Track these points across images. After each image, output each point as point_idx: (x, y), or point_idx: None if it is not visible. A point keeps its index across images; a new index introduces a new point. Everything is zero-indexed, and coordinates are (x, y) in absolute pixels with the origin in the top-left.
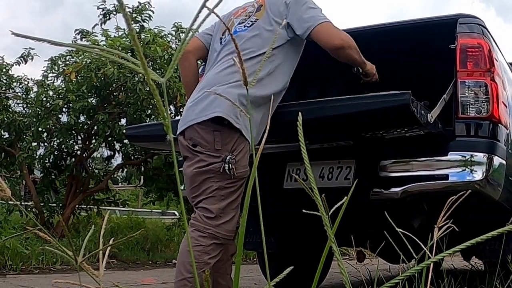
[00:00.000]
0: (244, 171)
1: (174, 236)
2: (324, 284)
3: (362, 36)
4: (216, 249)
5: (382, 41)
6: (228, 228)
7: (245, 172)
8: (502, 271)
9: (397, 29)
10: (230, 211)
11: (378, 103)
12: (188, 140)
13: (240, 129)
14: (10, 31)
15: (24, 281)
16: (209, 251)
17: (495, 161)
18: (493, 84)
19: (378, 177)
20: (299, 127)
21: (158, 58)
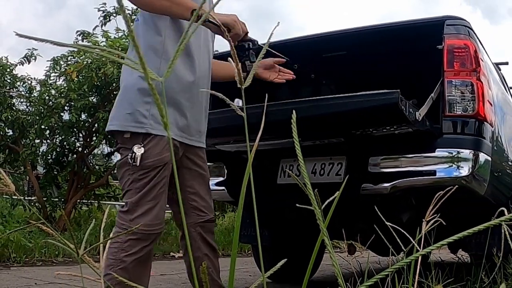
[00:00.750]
0: (156, 160)
1: (172, 229)
2: (316, 276)
3: (354, 37)
4: (134, 246)
5: (372, 42)
6: (144, 222)
7: (157, 161)
8: (488, 264)
9: (387, 31)
10: (145, 203)
11: (368, 102)
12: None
13: (147, 131)
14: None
15: (28, 273)
16: (126, 247)
17: (481, 158)
18: (479, 84)
19: (368, 173)
20: (293, 125)
21: None
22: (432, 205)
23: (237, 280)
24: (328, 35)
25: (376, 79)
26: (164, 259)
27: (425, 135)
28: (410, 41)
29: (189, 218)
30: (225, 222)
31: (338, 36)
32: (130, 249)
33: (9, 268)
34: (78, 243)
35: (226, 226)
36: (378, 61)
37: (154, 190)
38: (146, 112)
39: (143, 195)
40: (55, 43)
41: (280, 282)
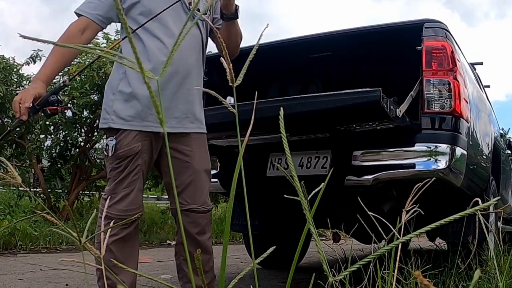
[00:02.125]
0: (126, 150)
1: (168, 219)
2: (303, 263)
3: (339, 38)
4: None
5: (356, 43)
6: (119, 207)
7: (127, 151)
8: (464, 251)
9: (369, 33)
10: (121, 190)
11: (352, 99)
12: None
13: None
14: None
15: (33, 260)
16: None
17: (457, 152)
18: (456, 82)
19: (352, 166)
20: (281, 121)
21: None
22: (412, 196)
23: (229, 266)
24: (314, 37)
25: (359, 78)
26: (161, 246)
27: (405, 131)
28: (391, 42)
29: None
30: (217, 212)
31: (324, 38)
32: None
33: (16, 255)
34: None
35: (219, 215)
36: (361, 61)
37: (128, 178)
38: (109, 108)
39: (118, 182)
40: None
41: (270, 268)
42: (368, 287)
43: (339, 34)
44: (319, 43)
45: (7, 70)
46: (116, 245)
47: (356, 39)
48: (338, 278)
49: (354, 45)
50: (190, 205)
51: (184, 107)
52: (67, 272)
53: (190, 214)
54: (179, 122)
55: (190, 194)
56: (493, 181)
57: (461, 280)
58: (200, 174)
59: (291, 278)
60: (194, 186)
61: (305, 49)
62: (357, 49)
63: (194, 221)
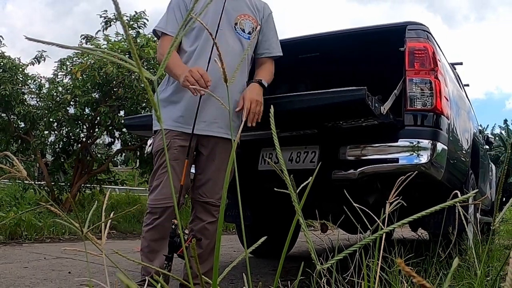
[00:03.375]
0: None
1: None
2: (293, 252)
3: (326, 40)
4: (148, 218)
5: (342, 44)
6: (152, 197)
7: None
8: (444, 240)
9: (355, 34)
10: (153, 182)
11: (339, 97)
12: None
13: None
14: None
15: (37, 249)
16: (144, 220)
17: (438, 147)
18: (437, 81)
19: (339, 160)
20: (271, 118)
21: (151, 59)
22: (395, 188)
23: (222, 255)
24: (303, 38)
25: (346, 77)
26: None
27: (389, 127)
28: (375, 43)
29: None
30: None
31: (312, 39)
32: (146, 221)
33: (21, 245)
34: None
35: None
36: (347, 61)
37: (157, 171)
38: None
39: (152, 176)
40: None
41: (261, 257)
42: (354, 275)
43: (326, 36)
44: (308, 44)
45: (13, 69)
46: (149, 233)
47: (342, 40)
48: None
49: (340, 46)
50: (207, 199)
51: (214, 113)
52: (69, 261)
53: (206, 206)
54: (207, 125)
55: (208, 189)
56: (472, 174)
57: (441, 268)
58: (220, 173)
59: (281, 266)
60: (214, 183)
61: (295, 50)
62: (343, 50)
63: (209, 212)
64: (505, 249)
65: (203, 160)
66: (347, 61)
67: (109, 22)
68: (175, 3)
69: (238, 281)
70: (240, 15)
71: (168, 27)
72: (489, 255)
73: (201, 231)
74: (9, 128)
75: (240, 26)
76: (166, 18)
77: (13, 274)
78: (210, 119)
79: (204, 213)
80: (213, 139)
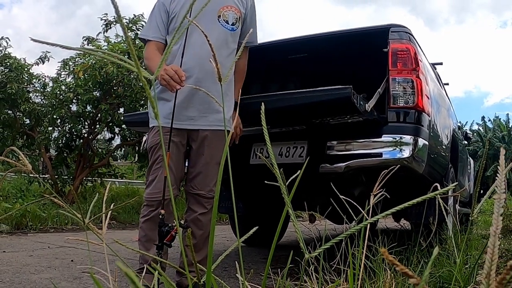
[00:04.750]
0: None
1: None
2: (283, 241)
3: (314, 41)
4: (145, 210)
5: (329, 45)
6: (148, 191)
7: (150, 143)
8: (425, 230)
9: (341, 36)
10: (149, 177)
11: (326, 96)
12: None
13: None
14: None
15: (42, 238)
16: (142, 212)
17: (420, 142)
18: (418, 80)
19: (326, 155)
20: (262, 115)
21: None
22: (379, 181)
23: (216, 244)
24: (292, 40)
25: (332, 77)
26: None
27: (373, 123)
28: (360, 45)
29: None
30: None
31: (301, 41)
32: (143, 213)
33: (27, 234)
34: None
35: None
36: (334, 61)
37: (153, 166)
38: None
39: (148, 171)
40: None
41: (253, 246)
42: (340, 262)
43: (314, 37)
44: (297, 45)
45: (18, 69)
46: (146, 224)
47: (329, 42)
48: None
49: (327, 47)
50: (198, 191)
51: (202, 108)
52: (72, 249)
53: (198, 197)
54: (195, 121)
55: (199, 182)
56: (451, 168)
57: (423, 257)
58: (209, 166)
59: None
60: (204, 176)
61: (285, 51)
62: (330, 51)
63: (201, 203)
64: (483, 238)
65: (193, 154)
66: (334, 61)
67: (109, 25)
68: (155, 9)
69: (231, 268)
70: (223, 6)
71: (150, 33)
72: (467, 244)
73: (194, 221)
74: (15, 125)
75: (224, 18)
76: (149, 26)
77: (19, 262)
78: (198, 114)
79: (197, 204)
80: (202, 133)
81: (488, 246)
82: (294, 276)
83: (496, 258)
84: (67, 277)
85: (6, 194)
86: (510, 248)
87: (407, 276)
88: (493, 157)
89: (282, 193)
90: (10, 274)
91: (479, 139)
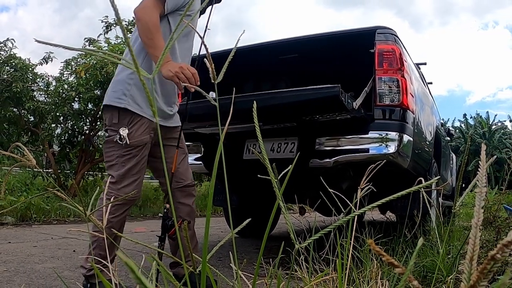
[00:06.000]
0: (138, 140)
1: (160, 195)
2: (274, 232)
3: (304, 42)
4: (119, 210)
5: (318, 46)
6: (128, 191)
7: (139, 141)
8: (410, 222)
9: (330, 38)
10: (131, 176)
11: (315, 94)
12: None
13: (125, 106)
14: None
15: (45, 230)
16: (113, 211)
17: (405, 138)
18: (403, 80)
19: (315, 150)
20: (254, 112)
21: None
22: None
23: (211, 235)
24: (283, 41)
25: (322, 76)
26: (154, 218)
27: (360, 121)
28: (348, 46)
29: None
30: (201, 189)
31: (292, 42)
32: (116, 212)
33: (31, 226)
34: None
35: (203, 192)
36: (323, 61)
37: (137, 166)
38: (127, 91)
39: (129, 169)
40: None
41: (246, 237)
42: (329, 253)
43: (304, 38)
44: (288, 46)
45: (23, 69)
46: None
47: (319, 43)
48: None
49: (317, 48)
50: (185, 182)
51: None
52: (74, 240)
53: (185, 189)
54: (173, 118)
55: (184, 173)
56: (435, 163)
57: (407, 247)
58: (186, 157)
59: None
60: (186, 166)
61: (276, 51)
62: (319, 51)
63: (189, 193)
64: (465, 230)
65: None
66: (323, 61)
67: (110, 27)
68: None
69: (225, 258)
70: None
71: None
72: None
73: (190, 214)
74: (20, 122)
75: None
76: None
77: (24, 252)
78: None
79: (186, 197)
80: (175, 129)
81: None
82: (285, 266)
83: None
84: (70, 267)
85: (11, 188)
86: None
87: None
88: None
89: (274, 187)
90: (15, 263)
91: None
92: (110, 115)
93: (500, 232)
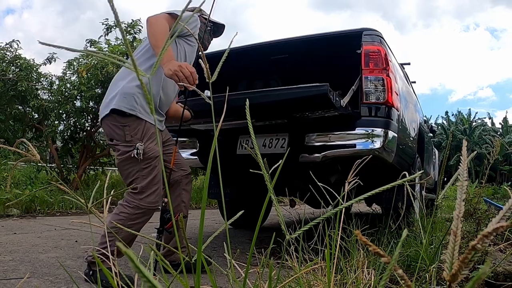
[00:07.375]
0: (154, 152)
1: None
2: (266, 224)
3: (294, 43)
4: (140, 218)
5: (308, 47)
6: (151, 200)
7: (156, 152)
8: (395, 214)
9: (319, 39)
10: (153, 186)
11: (305, 92)
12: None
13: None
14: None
15: (49, 221)
16: (134, 218)
17: (390, 134)
18: (388, 79)
19: (305, 145)
20: (247, 110)
21: None
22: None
23: (206, 226)
24: (274, 42)
25: (311, 75)
26: None
27: (347, 118)
28: (336, 46)
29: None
30: (197, 182)
31: (282, 43)
32: (137, 219)
33: (35, 218)
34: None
35: (198, 186)
36: (312, 61)
37: (158, 176)
38: (137, 99)
39: (151, 180)
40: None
41: (239, 228)
42: (318, 243)
43: (294, 40)
44: (279, 47)
45: (28, 69)
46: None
47: (308, 44)
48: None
49: (306, 49)
50: (188, 170)
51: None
52: (76, 231)
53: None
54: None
55: (185, 163)
56: (418, 158)
57: (392, 238)
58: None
59: (256, 236)
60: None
61: (267, 52)
62: (309, 52)
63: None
64: (447, 221)
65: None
66: (312, 61)
67: (110, 29)
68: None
69: (219, 248)
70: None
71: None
72: (432, 226)
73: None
74: (25, 119)
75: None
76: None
77: (28, 243)
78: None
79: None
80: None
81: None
82: (277, 255)
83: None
84: (72, 256)
85: (16, 181)
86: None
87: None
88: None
89: (266, 181)
90: (20, 253)
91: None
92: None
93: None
